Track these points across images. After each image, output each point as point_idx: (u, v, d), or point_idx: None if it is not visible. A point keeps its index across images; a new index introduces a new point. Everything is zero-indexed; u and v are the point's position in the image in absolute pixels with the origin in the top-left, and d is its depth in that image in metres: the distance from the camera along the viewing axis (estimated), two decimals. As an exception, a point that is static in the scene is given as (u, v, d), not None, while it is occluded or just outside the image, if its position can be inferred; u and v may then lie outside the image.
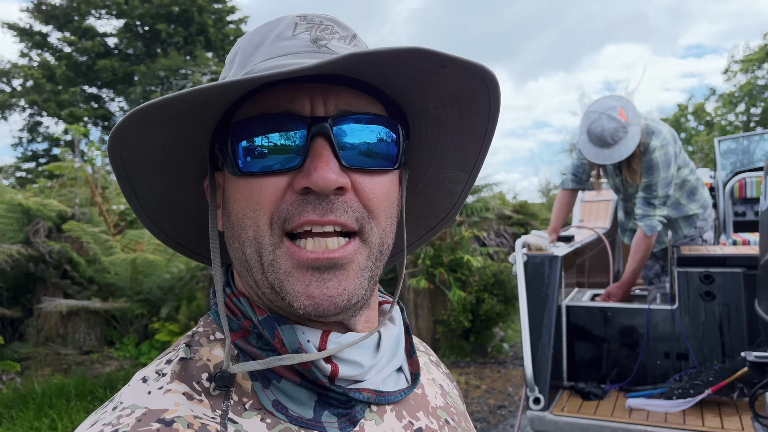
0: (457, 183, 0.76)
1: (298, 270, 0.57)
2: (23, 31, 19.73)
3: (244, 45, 0.66)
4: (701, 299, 3.10)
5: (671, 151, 3.41)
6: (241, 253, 0.61)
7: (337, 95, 0.59)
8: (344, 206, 0.57)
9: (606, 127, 3.32)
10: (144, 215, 0.69)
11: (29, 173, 19.56)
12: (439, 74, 0.58)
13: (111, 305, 6.48)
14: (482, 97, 0.63)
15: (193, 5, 20.11)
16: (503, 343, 7.36)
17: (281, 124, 0.57)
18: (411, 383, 0.70)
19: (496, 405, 5.48)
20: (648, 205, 3.50)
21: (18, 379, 5.81)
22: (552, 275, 3.17)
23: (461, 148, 0.71)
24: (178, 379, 0.58)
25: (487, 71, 0.58)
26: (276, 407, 0.58)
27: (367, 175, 0.60)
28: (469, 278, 7.02)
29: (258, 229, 0.58)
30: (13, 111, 20.05)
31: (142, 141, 0.58)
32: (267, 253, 0.58)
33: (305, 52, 0.60)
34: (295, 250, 0.57)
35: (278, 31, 0.63)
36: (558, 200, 4.00)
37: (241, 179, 0.59)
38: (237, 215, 0.60)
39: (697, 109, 28.03)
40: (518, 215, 12.05)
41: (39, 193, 8.36)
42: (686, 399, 2.81)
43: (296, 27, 0.62)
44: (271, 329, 0.60)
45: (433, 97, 0.64)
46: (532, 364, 2.96)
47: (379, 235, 0.61)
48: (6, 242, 6.60)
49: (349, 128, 0.59)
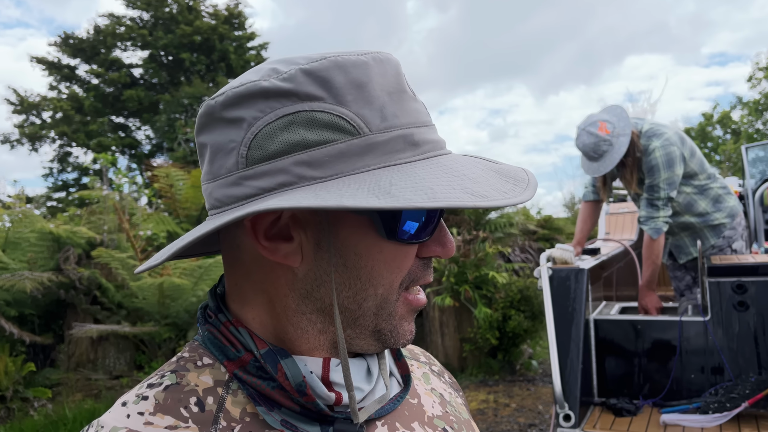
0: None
1: (409, 312, 0.66)
2: (52, 65, 20.34)
3: (371, 82, 0.57)
4: (734, 309, 3.02)
5: (675, 152, 3.40)
6: (350, 302, 0.61)
7: None
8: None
9: (586, 142, 3.46)
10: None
11: (60, 202, 20.01)
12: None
13: (139, 329, 6.55)
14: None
15: (214, 33, 20.54)
16: (532, 360, 7.25)
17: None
18: (403, 386, 0.71)
19: (526, 423, 5.38)
20: (651, 207, 3.49)
21: (49, 405, 5.88)
22: (578, 289, 3.13)
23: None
24: (161, 411, 0.57)
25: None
26: (285, 425, 0.59)
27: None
28: (495, 295, 6.94)
29: (391, 287, 0.62)
30: (43, 142, 20.60)
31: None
32: (390, 305, 0.63)
33: (431, 125, 0.64)
34: (413, 298, 0.65)
35: (400, 83, 0.61)
36: (581, 213, 3.99)
37: (389, 243, 0.60)
38: (370, 272, 0.61)
39: (723, 117, 27.61)
40: (543, 230, 11.94)
41: (69, 221, 8.54)
42: (723, 413, 2.73)
43: (405, 80, 0.62)
44: (273, 363, 0.59)
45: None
46: (561, 380, 2.91)
47: None
48: (37, 270, 6.74)
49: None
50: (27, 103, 19.86)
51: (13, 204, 8.25)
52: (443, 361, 7.25)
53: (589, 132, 3.44)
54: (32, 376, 6.38)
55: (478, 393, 6.36)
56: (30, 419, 5.51)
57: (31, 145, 20.57)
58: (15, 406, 5.71)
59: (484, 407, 5.89)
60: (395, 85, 0.59)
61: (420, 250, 0.63)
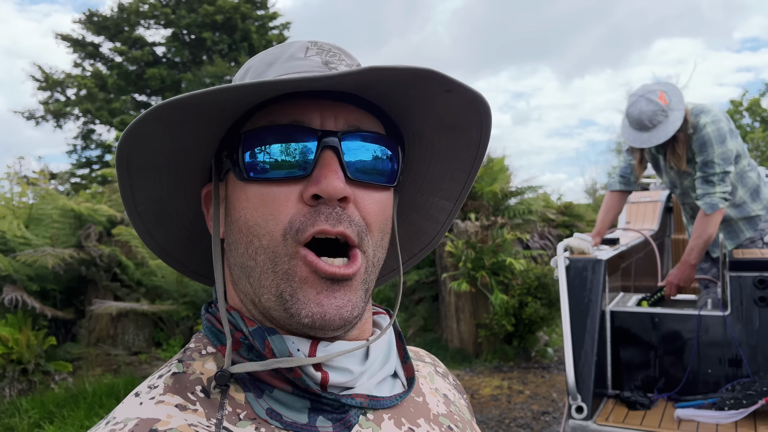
0: (442, 211, 0.80)
1: (314, 276, 0.59)
2: (76, 42, 20.48)
3: (256, 63, 0.68)
4: (755, 305, 2.96)
5: (724, 127, 3.27)
6: (247, 259, 0.61)
7: (346, 112, 0.63)
8: (349, 219, 0.60)
9: (644, 109, 3.26)
10: (138, 221, 0.70)
11: (83, 179, 20.28)
12: (441, 99, 0.62)
13: (158, 307, 6.65)
14: (475, 127, 0.67)
15: (237, 13, 20.50)
16: (547, 348, 7.22)
17: (293, 135, 0.60)
18: (407, 388, 0.71)
19: (539, 411, 5.37)
20: (706, 183, 3.33)
21: (70, 378, 6.01)
22: (595, 280, 3.08)
23: (450, 177, 0.76)
24: (171, 391, 0.59)
25: (484, 101, 0.62)
26: (270, 415, 0.59)
27: (367, 190, 0.63)
28: (512, 281, 6.91)
29: (272, 238, 0.59)
30: (67, 119, 20.82)
31: (151, 142, 0.60)
32: (282, 262, 0.59)
33: (317, 72, 0.63)
34: (314, 259, 0.58)
35: (290, 53, 0.66)
36: (605, 202, 3.87)
37: (251, 186, 0.61)
38: (247, 222, 0.61)
39: (752, 105, 26.95)
40: (563, 217, 11.81)
41: (90, 199, 8.66)
42: (739, 410, 2.69)
43: (307, 50, 0.65)
44: (261, 339, 0.61)
45: (431, 122, 0.68)
46: (575, 372, 2.88)
47: (373, 248, 0.64)
48: (59, 246, 6.85)
49: (356, 144, 0.62)
50: (52, 80, 20.06)
51: (37, 180, 8.38)
52: (458, 346, 7.26)
53: (649, 99, 3.26)
54: (54, 350, 6.52)
55: (493, 379, 6.36)
56: (51, 392, 5.64)
57: (56, 122, 20.81)
58: (36, 379, 5.85)
59: (497, 393, 5.89)
60: (279, 56, 0.66)
61: (304, 193, 0.59)
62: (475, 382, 6.25)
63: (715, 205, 3.31)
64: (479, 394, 5.89)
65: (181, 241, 0.76)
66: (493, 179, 8.76)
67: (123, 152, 0.60)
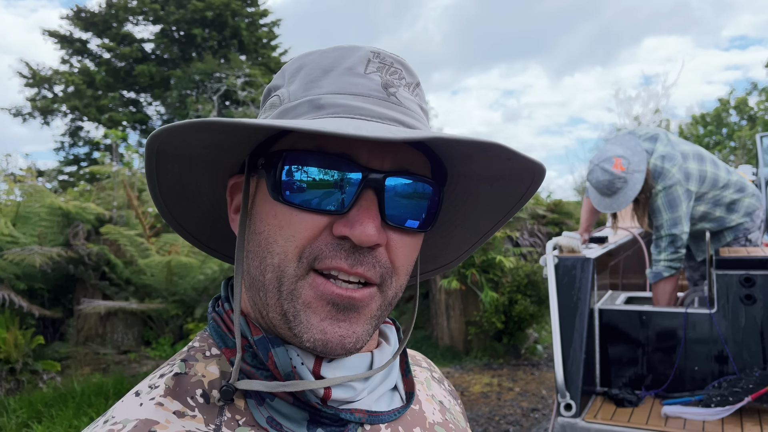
0: (467, 242, 0.78)
1: (319, 302, 0.57)
2: (64, 38, 20.30)
3: (311, 64, 0.64)
4: (741, 303, 2.99)
5: (678, 191, 3.33)
6: (259, 273, 0.60)
7: (396, 150, 0.59)
8: (373, 261, 0.58)
9: (600, 179, 3.36)
10: (159, 196, 0.68)
11: (71, 176, 20.11)
12: (499, 162, 0.60)
13: (147, 306, 6.62)
14: (525, 182, 0.65)
15: (227, 9, 20.39)
16: (537, 345, 7.26)
17: (337, 165, 0.57)
18: (405, 402, 0.70)
19: (529, 408, 5.40)
20: (655, 247, 3.46)
21: (58, 378, 5.97)
22: (584, 278, 3.10)
23: (482, 215, 0.73)
24: (171, 395, 0.58)
25: (543, 169, 0.60)
26: (270, 423, 0.59)
27: (402, 235, 0.61)
28: (502, 279, 6.94)
29: (285, 258, 0.58)
30: (55, 116, 20.64)
31: (186, 140, 0.58)
32: (289, 282, 0.58)
33: (375, 98, 0.60)
34: (322, 282, 0.57)
35: (350, 63, 0.62)
36: (585, 205, 3.97)
37: (281, 206, 0.58)
38: (266, 238, 0.59)
39: (740, 103, 27.17)
40: (553, 214, 11.86)
41: (78, 197, 8.59)
42: (725, 407, 2.71)
43: (368, 64, 0.62)
44: (265, 350, 0.60)
45: (481, 173, 0.66)
46: (563, 370, 2.90)
47: (395, 290, 0.62)
48: (47, 245, 6.80)
49: (399, 187, 0.59)
50: (39, 77, 19.88)
51: (24, 178, 8.30)
52: (448, 344, 7.28)
53: (603, 169, 3.33)
54: (42, 350, 6.47)
55: (483, 376, 6.39)
56: (39, 391, 5.60)
57: (43, 119, 20.62)
58: (24, 379, 5.81)
59: (487, 390, 5.91)
60: (337, 64, 0.62)
61: (333, 227, 0.57)
62: (465, 380, 6.27)
63: (659, 274, 3.42)
64: (469, 391, 5.91)
65: (199, 218, 0.74)
66: (483, 177, 8.78)
67: (153, 143, 0.58)
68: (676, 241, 3.36)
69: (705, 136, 26.99)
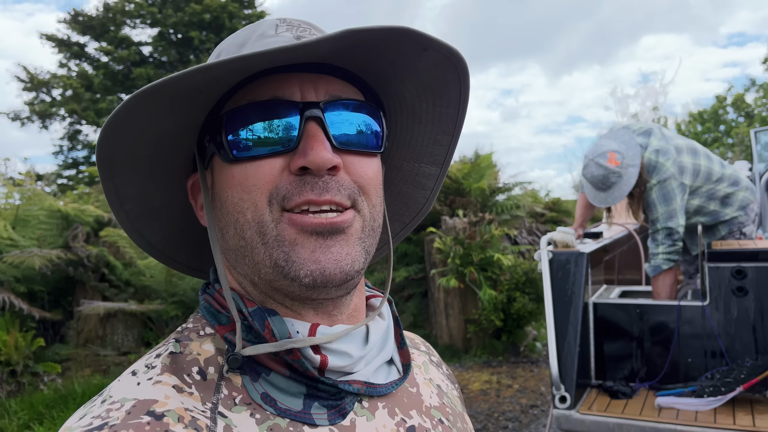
0: (429, 177, 0.80)
1: (303, 235, 0.58)
2: (61, 42, 20.32)
3: (227, 45, 0.67)
4: (733, 295, 3.02)
5: (672, 185, 3.37)
6: (238, 239, 0.61)
7: (326, 83, 0.62)
8: (338, 185, 0.59)
9: (595, 174, 3.40)
10: (126, 220, 0.69)
11: (70, 180, 20.14)
12: (418, 58, 0.61)
13: (147, 307, 6.64)
14: (453, 85, 0.67)
15: (224, 12, 20.42)
16: (536, 342, 7.29)
17: (275, 110, 0.59)
18: (402, 374, 0.71)
19: (528, 404, 5.43)
20: (652, 241, 3.50)
21: (59, 380, 5.99)
22: (578, 272, 3.13)
23: (434, 141, 0.75)
24: (168, 371, 0.59)
25: (460, 56, 0.61)
26: (264, 400, 0.59)
27: (356, 156, 0.62)
28: (500, 277, 6.96)
29: (257, 208, 0.59)
30: (53, 120, 20.65)
31: (130, 134, 0.58)
32: (270, 228, 0.59)
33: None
34: (298, 217, 0.58)
35: (261, 31, 0.65)
36: (579, 200, 4.02)
37: (236, 165, 0.60)
38: (232, 201, 0.61)
39: (737, 100, 27.21)
40: (551, 212, 11.90)
41: (78, 199, 8.62)
42: (717, 397, 2.75)
43: (277, 27, 0.64)
44: (261, 320, 0.61)
45: (410, 85, 0.67)
46: (558, 363, 2.93)
47: (369, 211, 0.63)
48: (47, 247, 6.83)
49: (339, 113, 0.61)
50: (37, 81, 19.90)
51: (23, 182, 8.33)
52: (447, 342, 7.31)
53: (598, 163, 3.37)
54: (42, 352, 6.49)
55: (482, 374, 6.41)
56: (40, 393, 5.63)
57: (42, 123, 20.64)
58: (25, 381, 5.83)
59: (486, 388, 5.94)
60: (249, 35, 0.65)
61: (291, 164, 0.59)
62: (465, 378, 6.30)
63: (658, 267, 3.45)
64: (468, 389, 5.94)
65: (170, 236, 0.75)
66: (481, 176, 8.81)
67: (103, 150, 0.59)
68: (672, 233, 3.40)
69: (703, 133, 27.02)
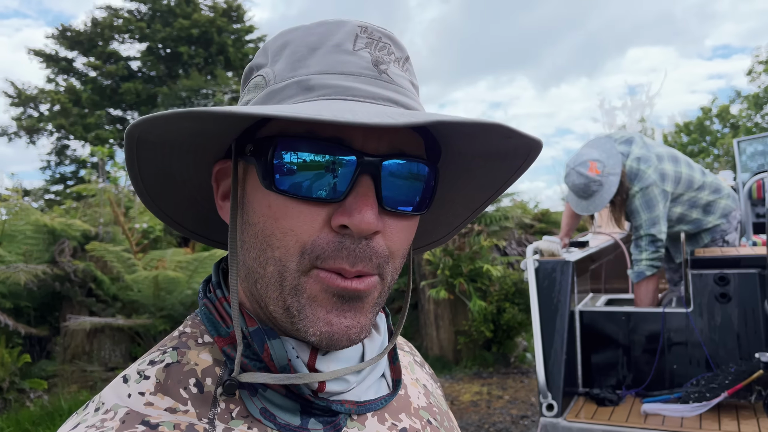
0: (458, 217, 0.77)
1: (324, 295, 0.56)
2: (49, 57, 20.31)
3: (296, 41, 0.61)
4: (716, 301, 3.05)
5: (655, 192, 3.41)
6: (257, 266, 0.59)
7: (392, 131, 0.57)
8: (371, 254, 0.56)
9: (576, 182, 3.45)
10: (141, 186, 0.66)
11: (58, 195, 20.02)
12: (498, 141, 0.59)
13: (134, 322, 6.59)
14: (520, 156, 0.63)
15: (213, 26, 20.51)
16: (526, 353, 7.29)
17: (331, 151, 0.54)
18: (392, 390, 0.70)
19: (518, 415, 5.42)
20: (635, 248, 3.54)
21: (45, 396, 5.92)
22: (564, 281, 3.16)
23: (476, 190, 0.72)
24: (162, 391, 0.57)
25: (539, 142, 0.59)
26: (264, 415, 0.58)
27: (399, 219, 0.59)
28: (490, 288, 6.98)
29: (286, 253, 0.56)
30: (41, 135, 20.60)
31: (169, 128, 0.56)
32: (292, 277, 0.56)
33: (366, 76, 0.57)
34: (327, 276, 0.55)
35: (338, 40, 0.59)
36: (565, 209, 4.06)
37: (274, 195, 0.56)
38: (263, 230, 0.57)
39: (722, 111, 27.58)
40: (540, 224, 11.96)
41: (65, 214, 8.57)
42: (702, 403, 2.77)
43: (356, 40, 0.59)
44: (260, 342, 0.59)
45: (478, 147, 0.64)
46: (545, 370, 2.94)
47: (391, 275, 0.61)
48: (33, 262, 6.77)
49: (397, 170, 0.57)
50: (24, 96, 19.84)
51: (10, 197, 8.28)
52: (438, 354, 7.30)
53: (579, 172, 3.42)
54: (28, 368, 6.42)
55: (472, 385, 6.40)
56: (26, 410, 5.55)
57: (29, 138, 20.57)
58: (11, 397, 5.76)
59: (477, 399, 5.93)
60: (324, 40, 0.59)
61: (332, 218, 0.55)
62: (455, 389, 6.29)
63: (641, 273, 3.48)
64: (459, 400, 5.93)
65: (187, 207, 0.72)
66: (469, 187, 8.84)
67: (134, 132, 0.56)
68: (656, 240, 3.43)
69: (689, 144, 27.33)
